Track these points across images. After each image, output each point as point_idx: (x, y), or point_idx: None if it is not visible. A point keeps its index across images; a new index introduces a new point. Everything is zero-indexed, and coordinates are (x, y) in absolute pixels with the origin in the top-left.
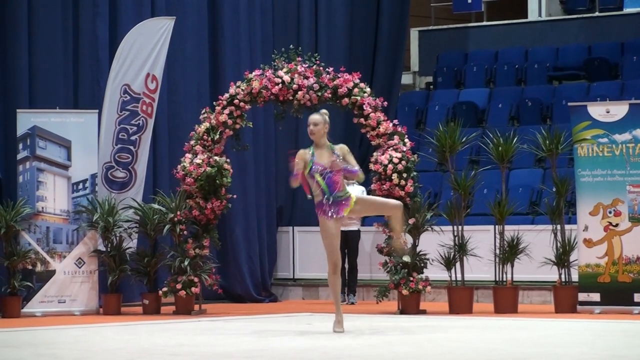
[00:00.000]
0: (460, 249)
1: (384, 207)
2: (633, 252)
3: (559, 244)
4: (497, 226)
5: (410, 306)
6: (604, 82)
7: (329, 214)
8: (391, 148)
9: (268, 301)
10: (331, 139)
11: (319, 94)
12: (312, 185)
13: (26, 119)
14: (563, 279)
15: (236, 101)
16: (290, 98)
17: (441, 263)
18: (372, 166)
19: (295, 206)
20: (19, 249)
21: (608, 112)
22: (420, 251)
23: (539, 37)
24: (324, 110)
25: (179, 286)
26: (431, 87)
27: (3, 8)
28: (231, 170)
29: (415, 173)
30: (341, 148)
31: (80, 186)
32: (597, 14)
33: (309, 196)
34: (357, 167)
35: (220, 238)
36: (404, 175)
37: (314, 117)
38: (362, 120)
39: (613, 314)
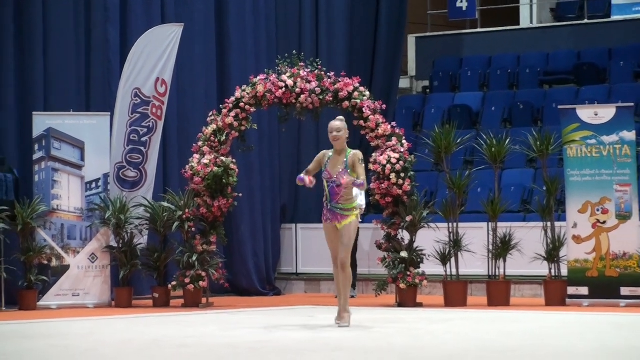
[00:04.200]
0: (455, 245)
1: (341, 248)
2: (620, 248)
3: (549, 240)
4: (490, 223)
5: (407, 299)
6: (593, 86)
7: (324, 218)
8: (389, 149)
9: (272, 294)
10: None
11: (321, 97)
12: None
13: (41, 121)
14: (553, 274)
15: (242, 104)
16: (294, 101)
17: (437, 258)
18: (371, 166)
19: (298, 204)
20: (35, 245)
21: (596, 114)
22: (417, 247)
23: (530, 43)
24: (341, 117)
25: (187, 280)
26: (428, 91)
27: (20, 16)
28: (237, 170)
29: (412, 173)
30: (353, 155)
31: (93, 185)
32: (585, 21)
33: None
34: (362, 179)
35: (227, 234)
36: (402, 174)
37: (336, 124)
38: (361, 122)
39: (601, 307)
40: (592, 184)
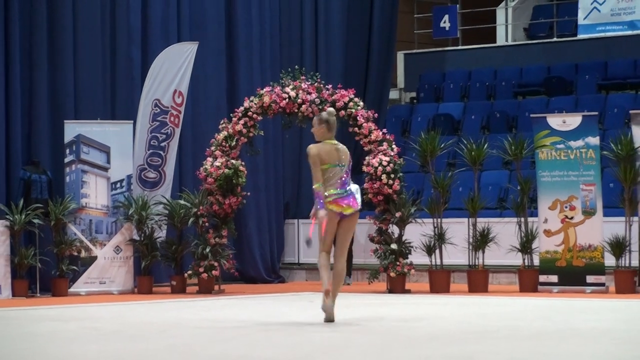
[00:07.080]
0: (439, 238)
1: (339, 245)
2: (585, 241)
3: (522, 234)
4: (470, 219)
5: (397, 286)
6: (561, 97)
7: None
8: (381, 153)
9: (277, 282)
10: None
11: (320, 107)
12: None
13: (72, 129)
14: (526, 263)
15: (250, 113)
16: (296, 110)
17: (423, 250)
18: (364, 168)
19: (299, 202)
20: (67, 238)
21: (564, 122)
22: (405, 240)
23: (506, 59)
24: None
25: (201, 269)
26: (415, 101)
27: (53, 37)
28: (245, 172)
29: (401, 174)
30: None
31: (118, 185)
32: (555, 39)
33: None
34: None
35: (236, 229)
36: (392, 175)
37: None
38: (356, 129)
39: (569, 293)
40: (561, 184)
